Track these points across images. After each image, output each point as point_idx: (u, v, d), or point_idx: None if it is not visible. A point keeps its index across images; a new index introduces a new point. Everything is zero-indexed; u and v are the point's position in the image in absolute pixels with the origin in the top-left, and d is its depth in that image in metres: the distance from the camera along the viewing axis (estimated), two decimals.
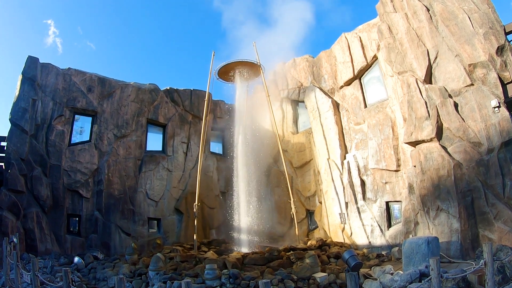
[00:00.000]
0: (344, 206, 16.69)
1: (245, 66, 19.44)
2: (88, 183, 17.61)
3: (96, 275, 13.42)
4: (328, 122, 17.97)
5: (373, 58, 16.54)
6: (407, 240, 10.79)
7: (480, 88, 12.15)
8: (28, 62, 17.48)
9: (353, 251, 11.31)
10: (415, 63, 13.68)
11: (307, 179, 19.64)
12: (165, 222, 19.45)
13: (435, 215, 12.50)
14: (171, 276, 11.71)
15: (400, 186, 14.76)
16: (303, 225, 19.27)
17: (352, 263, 10.43)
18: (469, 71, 12.37)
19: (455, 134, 12.39)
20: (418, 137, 13.12)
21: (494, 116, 11.71)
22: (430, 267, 6.89)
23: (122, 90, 19.64)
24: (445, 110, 12.64)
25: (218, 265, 12.10)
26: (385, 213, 15.27)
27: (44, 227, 15.82)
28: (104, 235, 17.26)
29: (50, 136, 17.13)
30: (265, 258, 13.23)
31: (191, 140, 21.29)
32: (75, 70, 18.76)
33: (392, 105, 15.46)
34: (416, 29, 13.96)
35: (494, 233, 11.27)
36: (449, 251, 11.78)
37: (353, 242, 16.07)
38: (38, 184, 16.12)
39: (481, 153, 11.82)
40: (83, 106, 18.36)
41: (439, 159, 12.49)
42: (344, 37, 17.76)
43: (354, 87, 17.36)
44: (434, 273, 6.62)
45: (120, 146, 18.89)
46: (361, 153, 16.52)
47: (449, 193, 12.12)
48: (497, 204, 11.38)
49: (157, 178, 19.71)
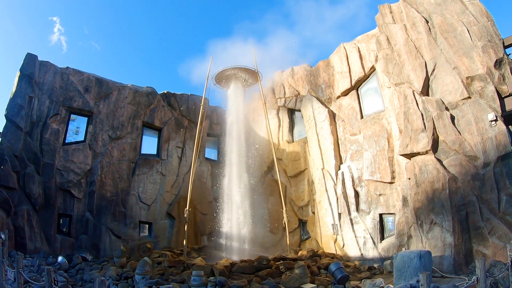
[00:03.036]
0: (337, 217, 16.50)
1: (243, 73, 19.41)
2: (81, 184, 17.42)
3: (83, 276, 13.24)
4: (324, 132, 17.87)
5: (371, 69, 16.49)
6: (399, 253, 10.59)
7: (478, 101, 12.08)
8: (27, 59, 17.42)
9: (340, 263, 11.10)
10: (412, 74, 13.62)
11: (300, 189, 19.47)
12: (157, 226, 19.22)
13: (429, 229, 12.34)
14: (157, 281, 11.52)
15: (394, 198, 14.61)
16: (295, 234, 19.06)
17: (339, 276, 10.21)
18: (466, 83, 12.32)
19: (451, 147, 12.28)
20: (413, 149, 13.01)
21: (491, 130, 11.62)
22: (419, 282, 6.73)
23: (119, 91, 19.54)
24: (442, 122, 12.55)
25: (206, 272, 11.92)
26: (378, 225, 15.09)
27: (35, 225, 15.61)
28: (94, 237, 17.03)
29: (45, 134, 16.98)
30: (254, 267, 12.97)
31: (186, 145, 21.14)
32: (73, 69, 18.70)
33: (388, 116, 15.38)
34: (415, 40, 13.93)
35: (488, 248, 11.11)
36: (442, 265, 11.59)
37: (345, 254, 15.86)
38: (31, 182, 15.94)
39: (477, 167, 11.70)
40: (79, 106, 18.24)
41: (434, 172, 12.36)
42: (343, 47, 17.73)
43: (351, 98, 17.27)
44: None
45: (114, 148, 18.72)
46: (356, 164, 16.38)
47: (444, 207, 11.97)
48: (492, 219, 11.22)
49: (150, 182, 19.52)
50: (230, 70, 19.35)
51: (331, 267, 10.59)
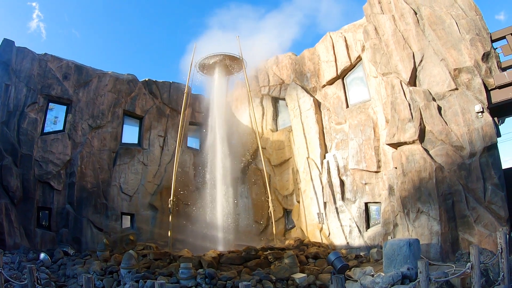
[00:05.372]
0: (323, 206, 16.55)
1: (227, 60, 19.07)
2: (60, 175, 16.85)
3: (66, 271, 12.81)
4: (309, 121, 17.81)
5: (357, 59, 16.46)
6: (388, 242, 10.69)
7: (464, 93, 12.20)
8: (3, 45, 16.59)
9: (339, 252, 10.99)
10: (400, 65, 13.63)
11: (285, 178, 19.43)
12: (139, 217, 18.90)
13: (415, 217, 12.49)
14: (144, 274, 11.20)
15: (380, 187, 14.74)
16: (280, 224, 19.06)
17: (338, 265, 10.04)
18: (454, 75, 12.40)
19: (438, 137, 12.40)
20: (400, 138, 13.08)
21: (477, 121, 11.78)
22: (418, 270, 6.78)
23: (99, 79, 18.89)
24: (429, 113, 12.64)
25: (194, 264, 11.65)
26: (364, 214, 15.23)
27: (13, 220, 14.96)
28: (76, 230, 16.56)
29: (22, 124, 16.24)
30: (242, 258, 12.88)
31: (168, 134, 20.76)
32: (52, 56, 17.91)
33: (374, 106, 15.43)
34: (403, 31, 13.91)
35: (474, 237, 11.35)
36: (429, 253, 11.79)
37: (331, 243, 15.96)
38: (8, 174, 15.27)
39: (463, 157, 11.87)
40: (58, 94, 17.53)
41: (421, 161, 12.48)
42: (329, 36, 17.62)
43: (336, 87, 17.25)
44: (422, 276, 6.52)
45: (94, 137, 18.18)
46: (341, 153, 16.42)
47: (430, 196, 12.12)
48: (478, 208, 11.47)
49: (132, 172, 19.12)
50: (214, 57, 18.94)
51: (330, 256, 10.38)
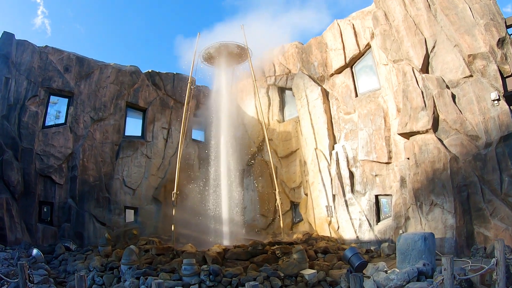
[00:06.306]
0: (331, 198, 16.08)
1: (232, 50, 18.52)
2: (62, 169, 16.50)
3: (67, 267, 12.44)
4: (317, 111, 17.28)
5: (366, 46, 15.90)
6: (402, 236, 10.13)
7: (479, 80, 11.67)
8: (3, 38, 16.27)
9: (356, 248, 10.26)
10: (411, 51, 13.09)
11: (292, 170, 18.95)
12: (143, 211, 18.52)
13: (429, 210, 12.01)
14: (145, 271, 10.70)
15: (391, 179, 14.23)
16: (287, 217, 18.59)
17: (356, 263, 9.19)
18: (468, 62, 11.86)
19: (452, 126, 11.89)
20: (413, 128, 12.57)
21: (493, 109, 11.25)
22: (442, 266, 6.27)
23: (101, 71, 18.45)
24: (442, 101, 12.11)
25: (197, 259, 11.20)
26: (374, 207, 14.75)
27: (15, 215, 14.59)
28: (78, 225, 16.23)
29: (23, 118, 15.90)
30: (248, 253, 12.35)
31: (172, 126, 20.30)
32: (52, 48, 17.52)
33: (384, 95, 14.89)
34: (414, 17, 13.36)
35: (490, 230, 10.88)
36: (443, 248, 11.33)
37: (340, 237, 15.51)
38: (9, 168, 14.92)
39: (479, 147, 11.37)
40: (59, 86, 17.13)
41: (435, 152, 11.96)
42: (337, 24, 17.03)
43: (345, 76, 16.70)
44: (447, 273, 6.00)
45: (97, 130, 17.78)
46: (350, 144, 15.92)
47: (445, 188, 11.63)
48: (494, 201, 10.97)
49: (135, 165, 18.71)
50: (218, 47, 18.39)
51: (347, 253, 9.59)
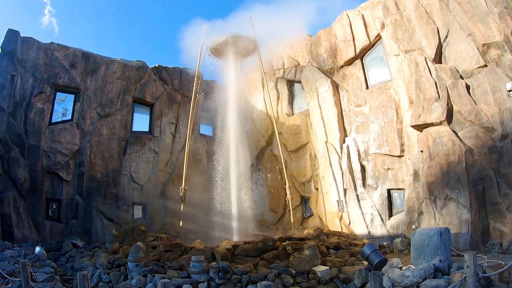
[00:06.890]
0: (343, 193, 15.74)
1: (239, 42, 18.20)
2: (69, 165, 16.38)
3: (74, 264, 12.29)
4: (327, 103, 16.92)
5: (377, 37, 15.47)
6: (417, 231, 9.82)
7: (494, 70, 11.26)
8: (8, 35, 16.12)
9: (375, 244, 9.82)
10: (424, 41, 12.70)
11: (302, 164, 18.64)
12: (151, 207, 18.37)
13: (443, 205, 11.67)
14: (152, 268, 10.44)
15: (404, 172, 13.87)
16: (297, 212, 18.30)
17: (376, 260, 8.55)
18: (482, 51, 11.45)
19: (467, 118, 11.53)
20: (426, 119, 12.20)
21: (509, 100, 10.86)
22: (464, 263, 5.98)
23: (107, 66, 18.29)
24: (456, 92, 11.73)
25: (206, 256, 10.92)
26: (386, 201, 14.38)
27: (22, 212, 14.56)
28: (85, 221, 16.13)
29: (29, 115, 15.79)
30: (259, 249, 12.05)
31: (179, 121, 20.12)
32: (58, 44, 17.39)
33: (396, 86, 14.49)
34: (426, 5, 12.96)
35: (506, 225, 10.53)
36: (458, 243, 11.00)
37: (352, 232, 15.19)
38: (16, 165, 14.85)
39: (494, 139, 11.00)
40: (65, 82, 16.99)
41: (449, 144, 11.60)
42: (346, 14, 16.61)
43: (355, 67, 16.30)
44: (470, 271, 5.71)
45: (103, 126, 17.63)
46: (361, 137, 15.55)
47: (459, 181, 11.27)
48: (510, 195, 10.59)
49: (143, 161, 18.55)
50: (226, 39, 18.07)
51: (365, 249, 9.02)
